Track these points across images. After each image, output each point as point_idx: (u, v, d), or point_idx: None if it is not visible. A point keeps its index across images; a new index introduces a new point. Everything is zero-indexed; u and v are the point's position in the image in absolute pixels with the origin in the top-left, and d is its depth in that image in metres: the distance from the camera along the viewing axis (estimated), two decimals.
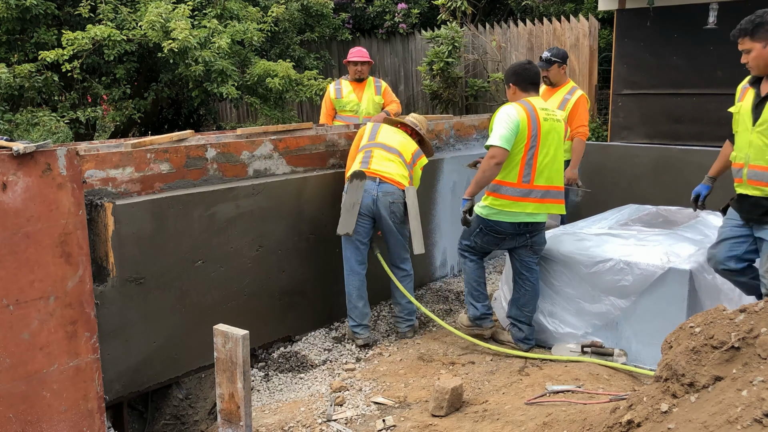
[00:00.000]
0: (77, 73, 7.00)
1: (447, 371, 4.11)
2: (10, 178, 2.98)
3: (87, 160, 3.62)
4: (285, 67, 7.81)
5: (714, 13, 6.10)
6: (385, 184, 4.44)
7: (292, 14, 9.41)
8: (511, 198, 4.07)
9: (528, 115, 4.01)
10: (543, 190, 4.10)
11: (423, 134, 4.84)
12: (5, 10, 6.81)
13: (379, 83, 6.67)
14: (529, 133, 4.00)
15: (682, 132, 6.60)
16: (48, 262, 3.14)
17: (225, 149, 4.33)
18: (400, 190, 4.49)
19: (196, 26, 7.42)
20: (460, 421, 3.34)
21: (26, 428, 3.11)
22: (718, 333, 2.12)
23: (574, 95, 5.39)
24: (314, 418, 3.63)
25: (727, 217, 3.70)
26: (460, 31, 8.53)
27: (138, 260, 3.69)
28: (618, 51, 6.85)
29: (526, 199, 4.07)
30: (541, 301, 4.40)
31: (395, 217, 4.47)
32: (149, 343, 3.80)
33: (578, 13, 8.51)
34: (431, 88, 8.82)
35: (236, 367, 3.29)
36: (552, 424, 3.02)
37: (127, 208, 3.62)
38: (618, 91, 6.94)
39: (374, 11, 10.29)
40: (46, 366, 3.17)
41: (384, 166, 4.51)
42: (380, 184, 4.43)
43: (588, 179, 6.97)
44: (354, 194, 4.38)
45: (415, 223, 4.49)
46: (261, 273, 4.36)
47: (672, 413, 2.07)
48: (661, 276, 3.88)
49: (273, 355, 4.49)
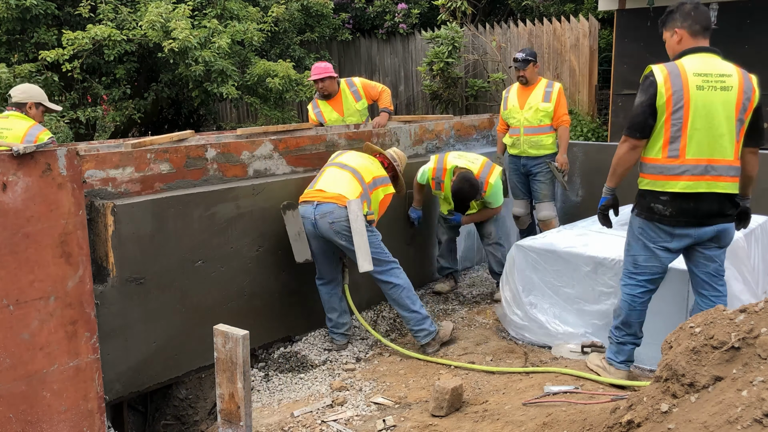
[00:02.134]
0: (77, 73, 7.00)
1: (447, 371, 4.12)
2: (10, 178, 2.98)
3: (87, 160, 3.62)
4: (285, 67, 7.82)
5: (714, 13, 6.11)
6: (323, 205, 4.18)
7: (292, 14, 9.42)
8: None
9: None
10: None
11: (399, 170, 4.74)
12: (5, 10, 6.82)
13: (354, 87, 6.19)
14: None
15: None
16: (48, 262, 3.14)
17: (225, 149, 4.33)
18: (341, 207, 4.17)
19: (196, 26, 7.43)
20: (460, 422, 3.34)
21: (26, 428, 3.11)
22: (718, 333, 2.12)
23: (554, 87, 5.67)
24: (314, 418, 3.63)
25: None
26: (460, 31, 8.53)
27: (138, 260, 3.69)
28: (618, 51, 6.86)
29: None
30: (541, 301, 4.41)
31: (342, 236, 4.18)
32: (149, 343, 3.80)
33: (578, 13, 8.51)
34: (431, 88, 8.82)
35: (236, 367, 3.29)
36: (552, 424, 3.02)
37: (127, 209, 3.62)
38: (618, 91, 6.94)
39: (374, 11, 10.30)
40: (46, 366, 3.17)
41: (327, 185, 4.29)
42: (317, 207, 4.19)
43: (588, 179, 6.98)
44: (294, 224, 4.27)
45: (359, 238, 4.12)
46: (261, 273, 4.36)
47: (672, 413, 2.07)
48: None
49: (273, 355, 4.49)
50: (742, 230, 3.69)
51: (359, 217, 4.13)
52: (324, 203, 4.18)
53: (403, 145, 5.70)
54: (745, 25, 6.12)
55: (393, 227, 5.25)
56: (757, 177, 3.49)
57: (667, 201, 3.31)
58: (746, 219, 3.54)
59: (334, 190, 4.24)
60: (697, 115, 3.22)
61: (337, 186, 4.27)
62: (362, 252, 4.11)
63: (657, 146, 3.32)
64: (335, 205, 4.16)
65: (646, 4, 6.47)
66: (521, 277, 4.51)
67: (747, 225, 3.57)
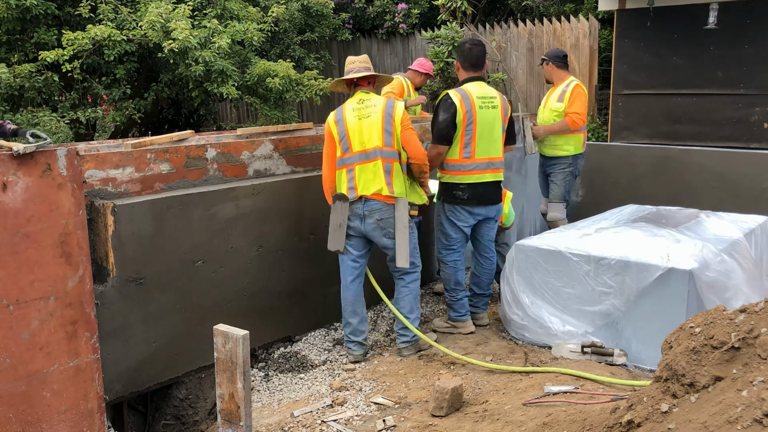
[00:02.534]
0: (77, 74, 6.99)
1: (447, 371, 4.11)
2: (10, 178, 2.98)
3: (87, 161, 3.62)
4: (285, 67, 7.81)
5: (714, 13, 6.10)
6: (371, 202, 4.18)
7: (292, 14, 9.42)
8: None
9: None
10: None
11: (376, 74, 4.43)
12: (5, 10, 6.81)
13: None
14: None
15: (682, 132, 6.61)
16: (48, 262, 3.14)
17: (225, 149, 4.33)
18: (389, 205, 4.20)
19: (197, 26, 7.42)
20: (460, 422, 3.34)
21: (26, 428, 3.11)
22: (718, 333, 2.12)
23: (569, 87, 5.70)
24: (314, 418, 3.63)
25: None
26: (460, 31, 8.52)
27: (138, 260, 3.69)
28: (618, 51, 6.85)
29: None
30: (541, 301, 4.40)
31: (387, 232, 4.24)
32: (149, 343, 3.80)
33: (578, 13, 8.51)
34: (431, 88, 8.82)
35: (236, 367, 3.29)
36: (552, 425, 3.02)
37: (127, 209, 3.62)
38: (618, 92, 6.94)
39: (374, 11, 10.29)
40: (46, 366, 3.17)
41: (368, 182, 4.18)
42: (366, 203, 4.18)
43: (588, 179, 6.98)
44: (339, 214, 4.23)
45: (401, 236, 4.23)
46: (261, 273, 4.36)
47: (672, 413, 2.07)
48: (662, 276, 3.88)
49: (273, 355, 4.49)
50: (742, 230, 3.78)
51: (404, 215, 4.24)
52: (371, 200, 4.19)
53: None
54: (745, 25, 6.12)
55: None
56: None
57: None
58: None
59: (375, 185, 4.16)
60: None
61: (374, 184, 4.17)
62: (402, 250, 4.23)
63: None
64: (382, 203, 4.20)
65: (646, 4, 6.46)
66: (521, 277, 4.50)
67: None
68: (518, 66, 8.67)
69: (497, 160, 4.62)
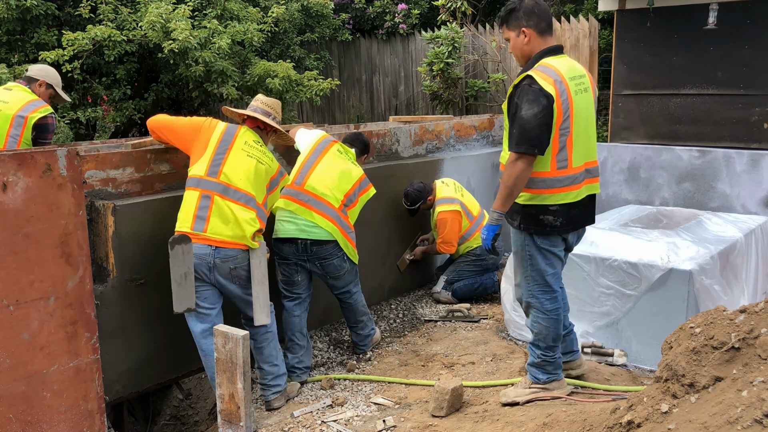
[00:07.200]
0: (77, 74, 6.99)
1: (447, 371, 4.11)
2: (10, 178, 2.98)
3: (87, 161, 3.62)
4: (285, 68, 7.81)
5: (714, 13, 6.11)
6: (224, 250, 3.56)
7: (293, 15, 9.42)
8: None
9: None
10: None
11: (278, 127, 3.88)
12: (5, 11, 6.81)
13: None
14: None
15: (682, 132, 6.61)
16: (48, 262, 3.14)
17: None
18: (243, 252, 3.62)
19: (197, 27, 7.42)
20: (461, 422, 3.34)
21: (26, 429, 3.11)
22: (719, 333, 2.12)
23: None
24: (314, 419, 3.63)
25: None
26: (460, 31, 8.53)
27: (138, 261, 3.69)
28: (618, 51, 6.85)
29: None
30: None
31: (240, 281, 3.67)
32: (149, 343, 3.79)
33: (578, 13, 8.52)
34: (431, 88, 8.82)
35: (236, 368, 3.29)
36: (552, 425, 3.02)
37: (128, 209, 3.62)
38: (618, 92, 6.94)
39: (374, 12, 10.30)
40: (47, 366, 3.17)
41: (221, 225, 3.56)
42: (217, 250, 3.55)
43: None
44: (182, 264, 3.49)
45: (259, 288, 3.68)
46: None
47: (672, 414, 2.07)
48: (662, 276, 3.88)
49: None
50: (742, 231, 3.64)
51: (262, 265, 3.67)
52: (223, 248, 3.56)
53: (403, 146, 5.70)
54: (745, 25, 6.12)
55: (392, 227, 5.25)
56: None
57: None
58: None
59: (228, 232, 3.57)
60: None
61: (227, 230, 3.57)
62: (260, 304, 3.70)
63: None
64: (237, 250, 3.60)
65: (646, 4, 6.46)
66: None
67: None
68: (518, 66, 8.67)
69: (594, 166, 3.35)
